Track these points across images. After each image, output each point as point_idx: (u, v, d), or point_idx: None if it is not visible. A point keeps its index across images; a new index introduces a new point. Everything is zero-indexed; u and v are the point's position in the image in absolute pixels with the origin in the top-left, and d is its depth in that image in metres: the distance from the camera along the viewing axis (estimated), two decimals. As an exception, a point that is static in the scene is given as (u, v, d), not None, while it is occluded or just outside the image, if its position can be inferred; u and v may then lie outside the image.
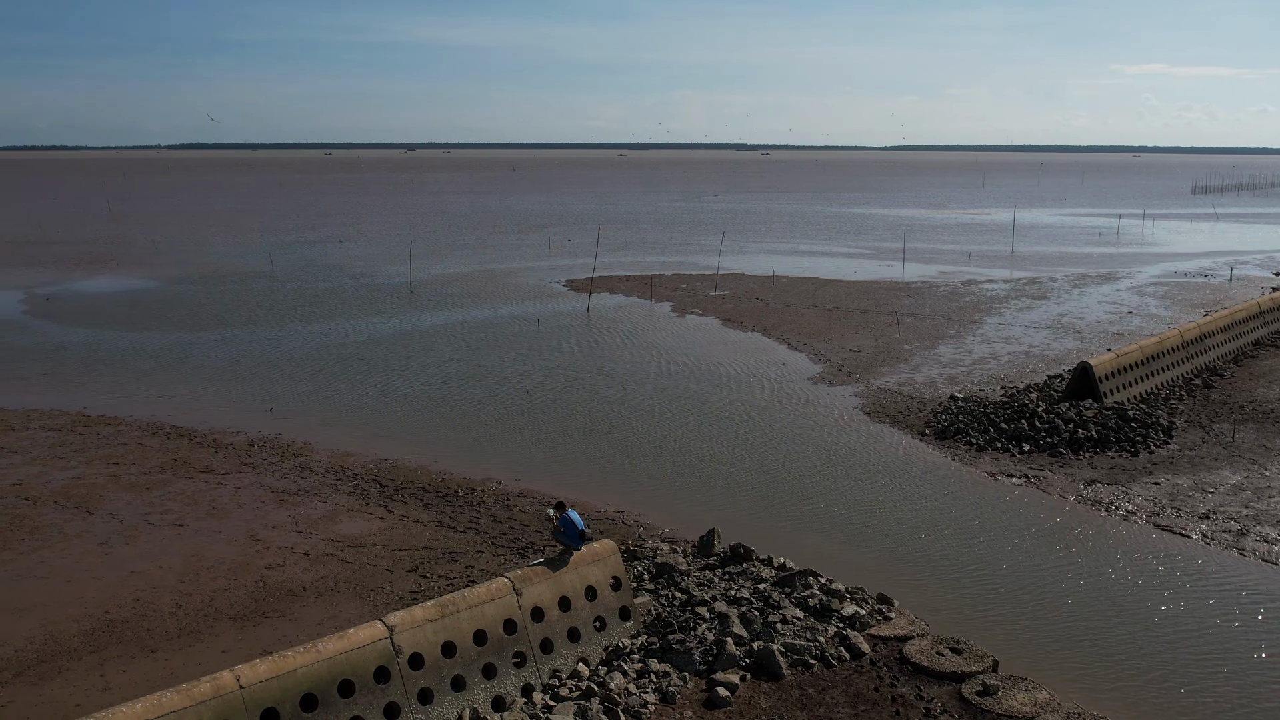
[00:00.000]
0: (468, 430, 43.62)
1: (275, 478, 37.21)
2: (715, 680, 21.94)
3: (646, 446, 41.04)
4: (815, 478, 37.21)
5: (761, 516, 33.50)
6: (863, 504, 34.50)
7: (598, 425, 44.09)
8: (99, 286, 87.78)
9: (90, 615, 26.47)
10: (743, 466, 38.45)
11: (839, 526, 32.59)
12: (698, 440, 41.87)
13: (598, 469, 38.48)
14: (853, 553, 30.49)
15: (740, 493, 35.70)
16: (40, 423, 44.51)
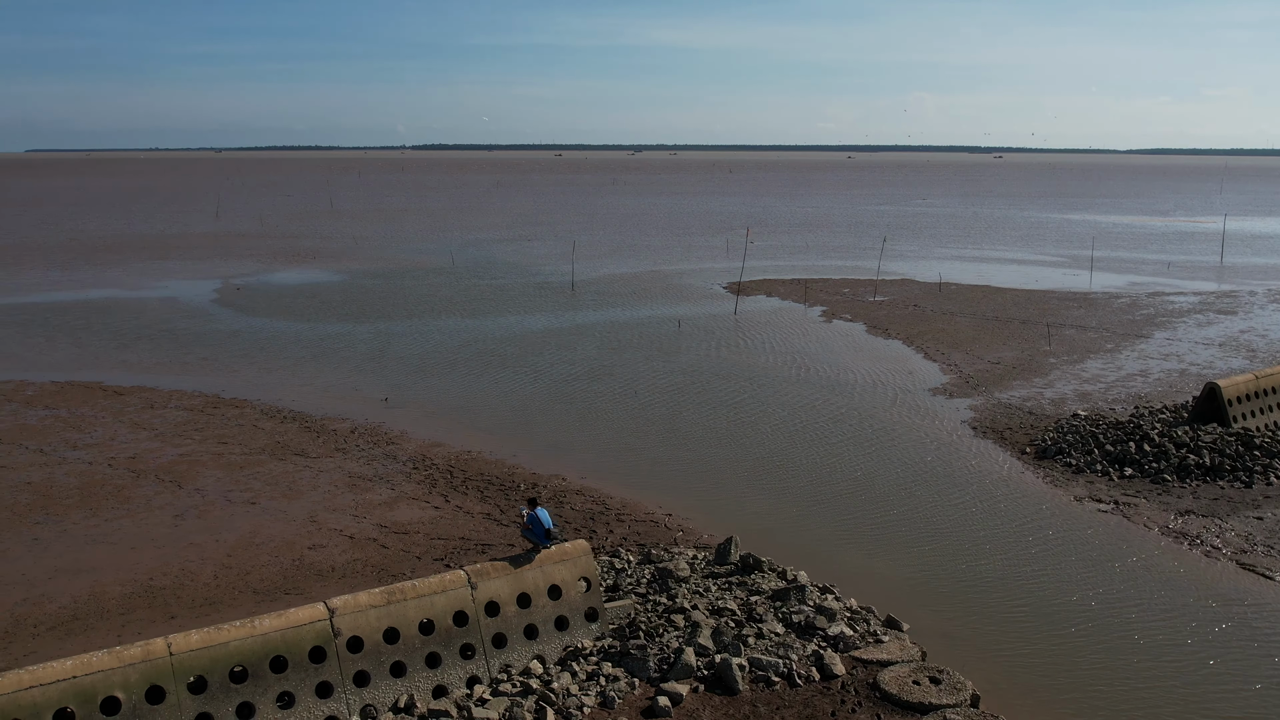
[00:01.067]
0: (559, 428, 44.27)
1: (359, 463, 38.87)
2: (663, 689, 21.58)
3: (731, 451, 40.69)
4: (894, 492, 35.97)
5: (821, 528, 32.70)
6: (928, 521, 33.12)
7: (691, 428, 43.98)
8: (289, 278, 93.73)
9: (136, 580, 28.48)
10: (824, 476, 37.59)
11: (895, 543, 31.44)
12: (787, 446, 41.24)
13: (669, 471, 38.42)
14: (895, 570, 29.40)
15: (809, 503, 34.94)
16: (179, 403, 48.05)
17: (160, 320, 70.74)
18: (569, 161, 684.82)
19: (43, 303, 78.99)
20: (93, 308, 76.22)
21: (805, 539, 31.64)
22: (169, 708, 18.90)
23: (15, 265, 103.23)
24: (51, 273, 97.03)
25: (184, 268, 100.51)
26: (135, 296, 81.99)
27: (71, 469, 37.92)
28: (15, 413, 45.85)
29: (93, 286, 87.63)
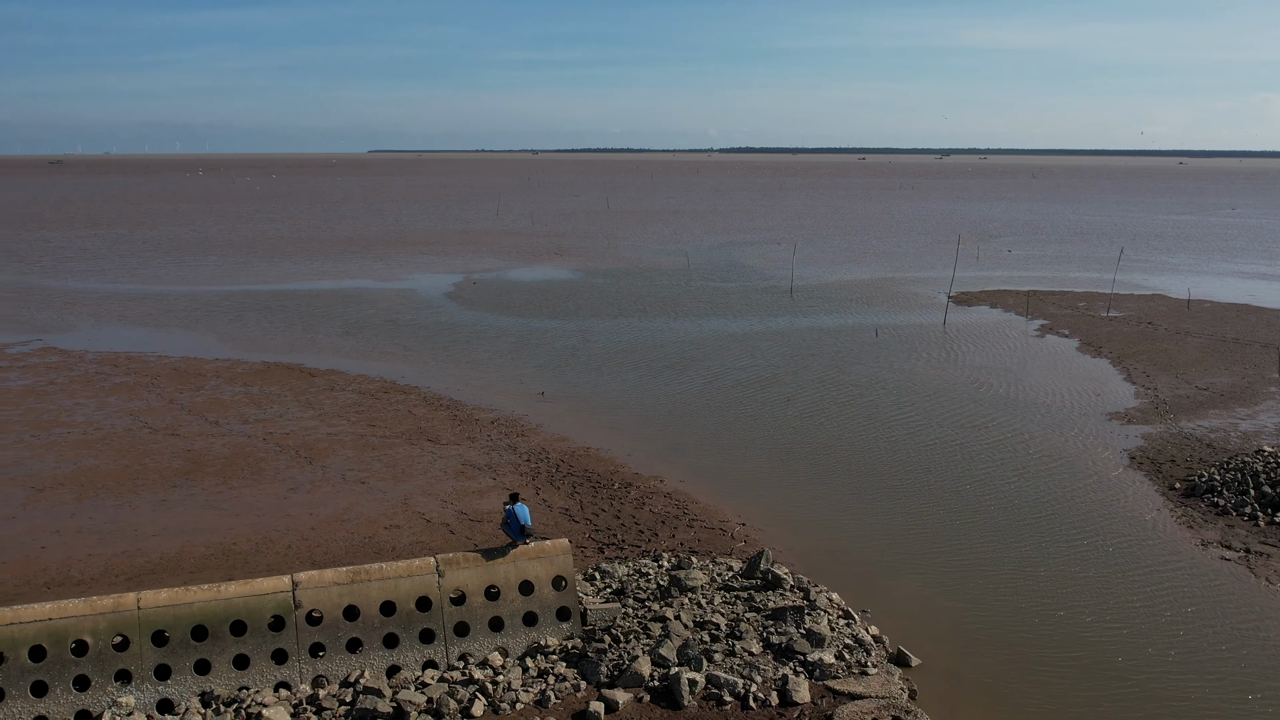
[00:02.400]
0: (691, 431, 44.31)
1: (478, 452, 40.66)
2: (604, 695, 21.56)
3: (851, 468, 39.29)
4: (1003, 521, 33.81)
5: (897, 552, 31.16)
6: (1018, 554, 30.95)
7: (826, 441, 42.85)
8: (526, 275, 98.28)
9: (220, 544, 31.31)
10: (934, 500, 35.73)
11: (966, 573, 29.63)
12: (917, 466, 39.51)
13: (773, 482, 37.78)
14: (948, 600, 27.78)
15: (902, 526, 33.42)
16: (357, 387, 51.87)
17: (390, 310, 76.11)
18: (869, 165, 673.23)
19: (300, 290, 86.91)
20: (338, 297, 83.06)
21: (873, 561, 30.32)
22: (131, 655, 20.81)
23: (298, 255, 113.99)
24: (323, 263, 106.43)
25: (438, 262, 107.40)
26: (380, 288, 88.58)
27: (230, 441, 41.80)
28: (216, 388, 50.95)
29: (349, 277, 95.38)
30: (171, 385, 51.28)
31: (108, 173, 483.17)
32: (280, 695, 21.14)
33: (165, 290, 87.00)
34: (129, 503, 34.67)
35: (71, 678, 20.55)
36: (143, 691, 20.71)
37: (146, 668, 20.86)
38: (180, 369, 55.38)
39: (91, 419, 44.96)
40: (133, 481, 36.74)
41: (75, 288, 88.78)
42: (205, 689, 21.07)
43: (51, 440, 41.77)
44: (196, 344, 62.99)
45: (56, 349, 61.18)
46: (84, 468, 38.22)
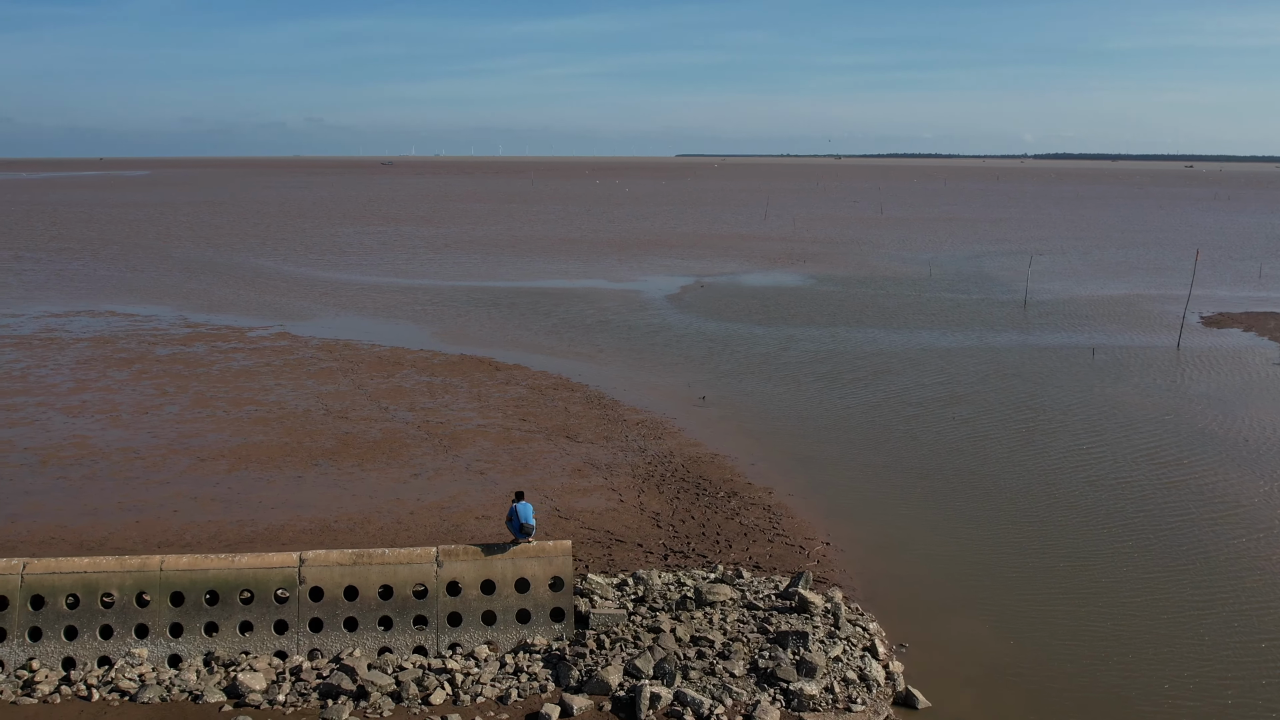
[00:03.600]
0: (829, 445, 43.04)
1: (606, 453, 41.42)
2: (564, 699, 21.75)
3: (987, 497, 36.86)
4: (1134, 569, 30.88)
5: (990, 590, 29.13)
6: (1135, 610, 28.15)
7: (975, 466, 40.26)
8: (757, 280, 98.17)
9: (324, 520, 33.71)
10: (1067, 535, 33.14)
11: (1058, 624, 27.34)
12: (1063, 498, 36.74)
13: (891, 503, 36.07)
14: (1008, 648, 25.80)
15: (1011, 562, 31.29)
16: (531, 382, 53.99)
17: (607, 310, 78.22)
18: (1192, 174, 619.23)
19: (534, 288, 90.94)
20: (566, 295, 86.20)
21: (948, 597, 28.53)
22: (150, 612, 22.94)
23: (552, 255, 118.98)
24: (571, 263, 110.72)
25: (680, 265, 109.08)
26: (610, 288, 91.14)
27: (388, 427, 44.62)
28: (404, 377, 54.45)
29: (588, 277, 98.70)
30: (367, 372, 55.08)
31: (427, 173, 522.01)
32: (271, 664, 22.53)
33: (414, 284, 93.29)
34: (268, 477, 37.67)
35: (98, 626, 22.79)
36: (156, 646, 22.68)
37: (162, 624, 22.83)
38: (384, 357, 59.36)
39: (282, 399, 49.08)
40: (283, 458, 39.88)
41: (338, 279, 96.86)
42: (211, 650, 22.75)
43: (238, 416, 46.02)
44: (412, 335, 67.21)
45: (290, 334, 67.07)
46: (250, 443, 41.85)
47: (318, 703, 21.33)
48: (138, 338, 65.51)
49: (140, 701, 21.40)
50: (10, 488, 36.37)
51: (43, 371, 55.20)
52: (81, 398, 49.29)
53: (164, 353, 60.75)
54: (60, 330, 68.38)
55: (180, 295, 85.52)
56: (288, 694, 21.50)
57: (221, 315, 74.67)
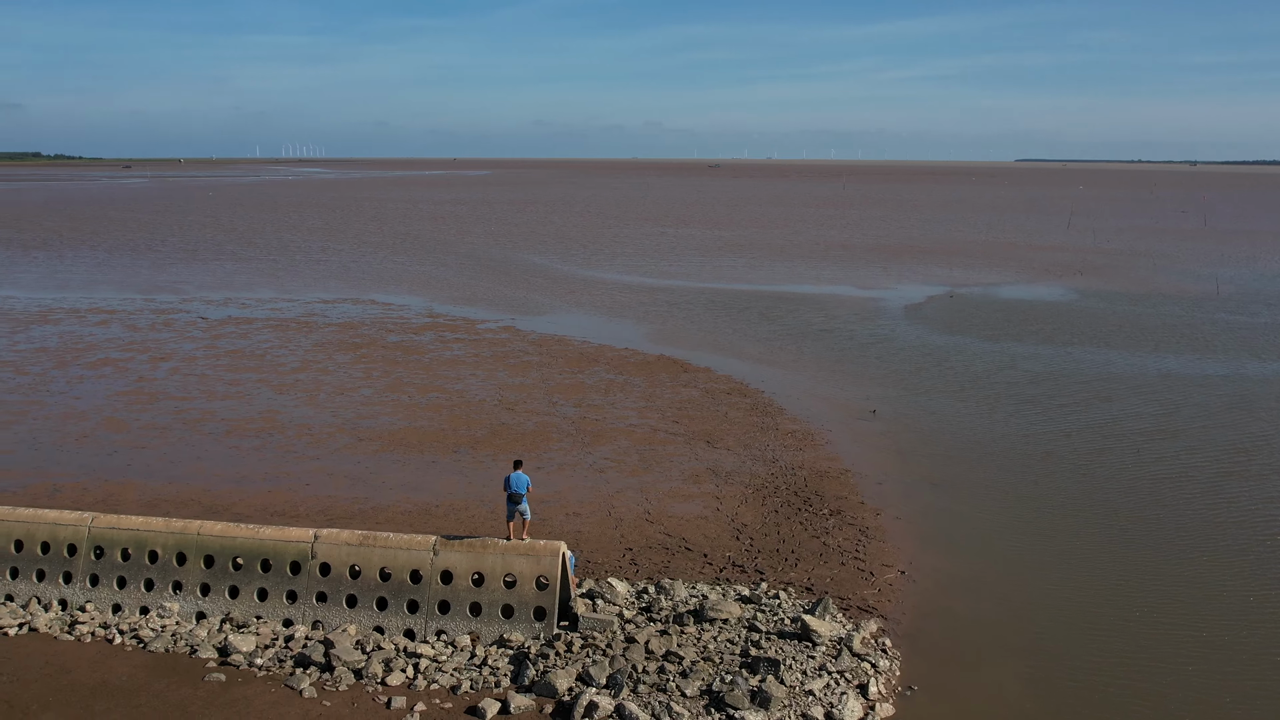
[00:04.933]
0: (986, 471, 40.19)
1: (735, 460, 41.17)
2: (508, 697, 22.24)
3: (1130, 542, 33.15)
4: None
5: (1057, 643, 26.68)
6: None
7: (1144, 508, 36.17)
8: (1017, 291, 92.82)
9: (427, 504, 35.74)
10: (1195, 596, 29.63)
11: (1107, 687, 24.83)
12: (1228, 556, 32.71)
13: (1006, 539, 33.33)
14: (1027, 704, 23.70)
15: (1101, 615, 28.41)
16: (708, 386, 54.31)
17: (836, 318, 76.78)
18: None
19: (771, 292, 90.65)
20: (800, 301, 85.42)
21: (995, 644, 26.23)
22: (186, 571, 25.49)
23: (810, 259, 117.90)
24: (824, 268, 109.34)
25: (938, 273, 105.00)
26: (851, 295, 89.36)
27: (544, 420, 46.40)
28: (592, 374, 56.30)
29: (833, 283, 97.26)
30: (560, 367, 57.21)
31: (746, 176, 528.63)
32: (275, 630, 24.30)
33: (663, 284, 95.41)
34: (405, 460, 40.19)
35: (143, 579, 25.49)
36: (186, 602, 25.10)
37: (194, 583, 25.23)
38: (585, 354, 61.38)
39: (467, 389, 51.99)
40: (430, 443, 42.35)
41: (596, 277, 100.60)
42: (230, 611, 24.89)
43: (418, 401, 49.25)
44: (626, 333, 68.95)
45: (514, 329, 70.63)
46: (411, 427, 44.74)
47: (289, 669, 22.70)
48: (379, 325, 71.11)
49: (149, 649, 23.63)
50: (186, 452, 40.81)
51: (281, 352, 61.16)
52: (297, 377, 54.27)
53: (393, 340, 65.57)
54: (319, 315, 75.39)
55: (443, 288, 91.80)
56: (267, 659, 23.03)
57: (466, 308, 79.50)
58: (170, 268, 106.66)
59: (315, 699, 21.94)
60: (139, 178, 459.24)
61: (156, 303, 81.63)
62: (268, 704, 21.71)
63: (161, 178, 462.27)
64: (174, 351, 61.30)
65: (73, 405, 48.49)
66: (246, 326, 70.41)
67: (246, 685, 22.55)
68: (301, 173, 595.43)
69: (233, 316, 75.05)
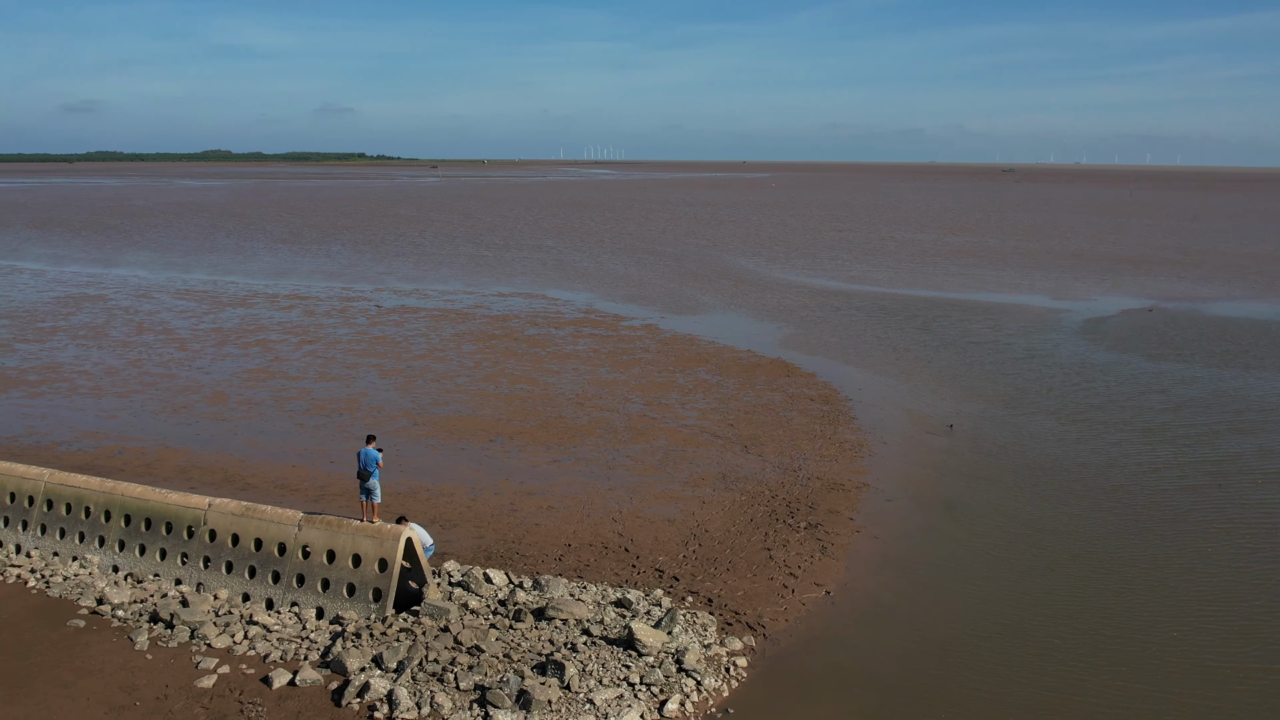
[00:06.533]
0: (1014, 495, 37.26)
1: (758, 468, 40.18)
2: (300, 671, 23.22)
3: (1103, 599, 29.94)
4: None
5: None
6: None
7: (1208, 553, 32.75)
8: (1232, 308, 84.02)
9: (422, 486, 37.32)
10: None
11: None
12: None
13: (969, 572, 30.88)
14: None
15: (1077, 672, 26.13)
16: (795, 390, 53.15)
17: (1002, 329, 72.45)
18: None
19: (951, 299, 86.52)
20: (977, 309, 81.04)
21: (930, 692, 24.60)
22: (109, 528, 28.23)
23: (1014, 266, 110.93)
24: (1025, 276, 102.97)
25: (1147, 284, 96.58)
26: (1033, 304, 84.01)
27: (602, 417, 47.05)
28: (691, 374, 56.31)
29: (1021, 291, 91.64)
30: (667, 366, 57.53)
31: (1036, 181, 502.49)
32: (161, 587, 26.42)
33: (836, 287, 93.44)
34: (439, 445, 42.01)
35: (78, 532, 28.29)
36: (105, 556, 27.86)
37: (114, 539, 27.79)
38: (701, 354, 61.42)
39: (556, 382, 53.37)
40: (474, 432, 43.95)
41: (781, 279, 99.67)
42: (135, 567, 27.25)
43: (498, 392, 51.21)
44: (760, 336, 68.26)
45: (654, 326, 71.49)
46: (473, 416, 46.59)
47: (139, 623, 24.59)
48: (529, 318, 73.79)
49: (49, 594, 26.23)
50: (252, 427, 44.40)
51: (418, 341, 64.78)
52: (410, 364, 57.41)
53: (531, 333, 67.96)
54: (483, 308, 79.09)
55: (620, 285, 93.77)
56: (130, 612, 25.05)
57: (625, 306, 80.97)
58: (387, 260, 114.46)
59: (142, 651, 23.57)
60: (434, 178, 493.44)
61: (351, 291, 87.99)
62: (101, 651, 23.57)
63: (455, 178, 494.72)
64: (325, 336, 66.05)
65: (197, 379, 53.41)
66: (409, 316, 74.69)
67: (97, 633, 24.54)
68: (585, 174, 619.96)
69: (406, 306, 79.76)
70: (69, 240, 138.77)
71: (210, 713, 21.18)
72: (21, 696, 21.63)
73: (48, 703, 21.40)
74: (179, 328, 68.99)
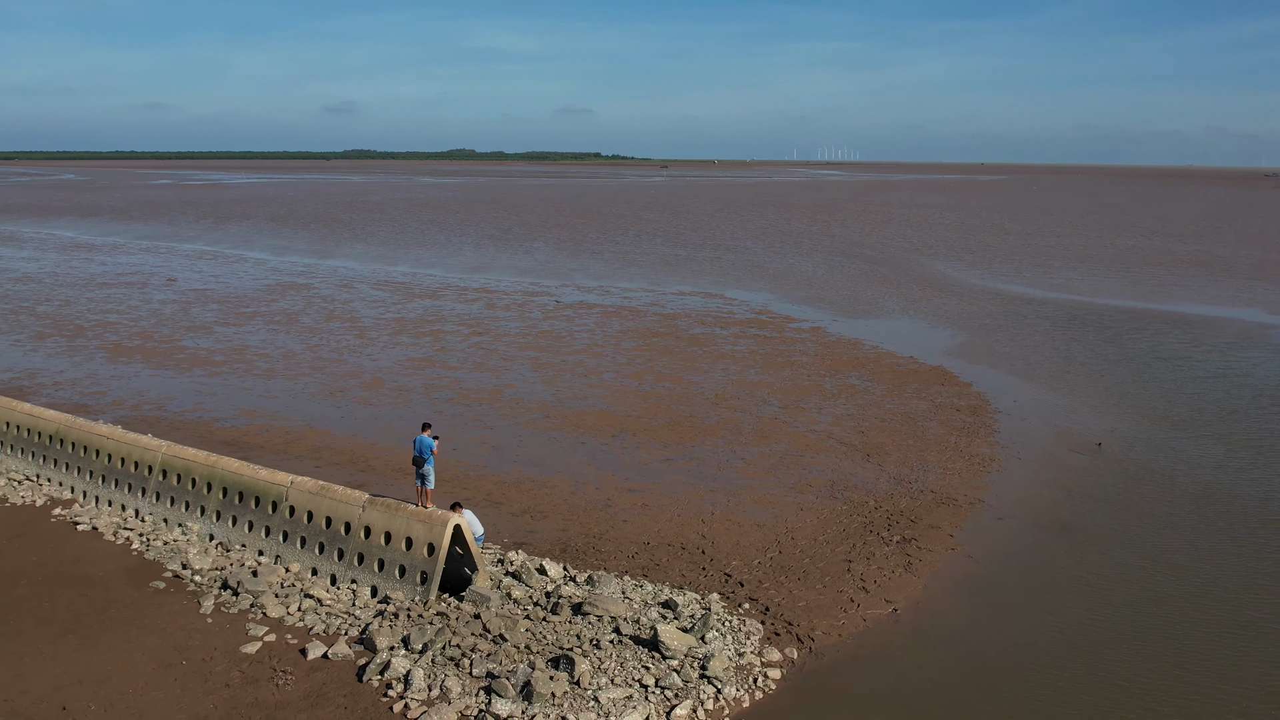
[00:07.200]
0: (1140, 520, 34.62)
1: (873, 475, 39.07)
2: (334, 645, 24.53)
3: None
4: None
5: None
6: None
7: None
8: None
9: (528, 477, 38.34)
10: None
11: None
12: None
13: (1045, 601, 28.94)
14: None
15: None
16: (950, 400, 51.23)
17: (1196, 344, 67.16)
18: None
19: (1154, 311, 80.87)
20: (1180, 322, 75.38)
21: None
22: (210, 499, 30.55)
23: (1247, 277, 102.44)
24: (1256, 289, 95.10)
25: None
26: (1253, 320, 77.27)
27: (733, 418, 46.76)
28: (841, 378, 55.17)
29: (1244, 305, 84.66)
30: (813, 370, 56.72)
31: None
32: (241, 557, 28.35)
33: (1032, 294, 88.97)
34: (558, 438, 42.84)
35: (185, 500, 30.72)
36: (203, 524, 29.92)
37: (212, 509, 29.97)
38: (856, 359, 60.17)
39: (700, 382, 53.53)
40: (600, 427, 44.66)
41: (976, 285, 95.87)
42: (228, 536, 29.34)
43: (638, 388, 51.79)
44: (927, 342, 66.04)
45: (821, 330, 70.47)
46: (606, 411, 47.30)
47: (210, 589, 26.42)
48: (698, 317, 74.15)
49: (142, 556, 28.55)
50: (393, 413, 46.73)
51: (581, 336, 66.34)
52: (564, 359, 58.82)
53: (695, 332, 68.34)
54: (656, 306, 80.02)
55: (801, 286, 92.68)
56: (206, 578, 26.94)
57: (798, 307, 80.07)
58: (582, 258, 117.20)
59: (205, 615, 25.25)
60: (660, 177, 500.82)
61: (538, 287, 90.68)
62: (169, 612, 25.40)
63: (681, 178, 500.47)
64: (495, 329, 68.45)
65: (362, 366, 56.47)
66: (583, 312, 76.37)
67: (172, 595, 26.44)
68: (812, 174, 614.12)
69: (584, 302, 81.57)
70: (296, 233, 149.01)
71: (244, 676, 22.37)
72: (88, 646, 23.51)
73: (109, 654, 23.19)
74: (364, 316, 72.89)
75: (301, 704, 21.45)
